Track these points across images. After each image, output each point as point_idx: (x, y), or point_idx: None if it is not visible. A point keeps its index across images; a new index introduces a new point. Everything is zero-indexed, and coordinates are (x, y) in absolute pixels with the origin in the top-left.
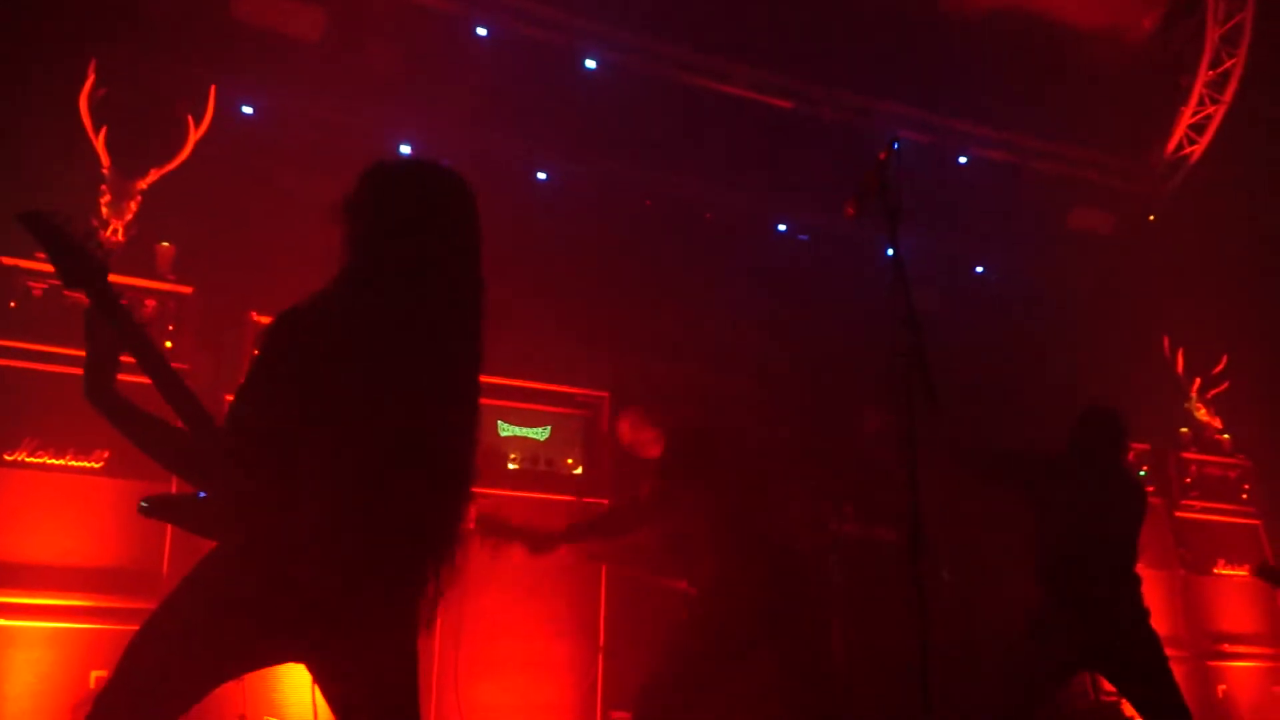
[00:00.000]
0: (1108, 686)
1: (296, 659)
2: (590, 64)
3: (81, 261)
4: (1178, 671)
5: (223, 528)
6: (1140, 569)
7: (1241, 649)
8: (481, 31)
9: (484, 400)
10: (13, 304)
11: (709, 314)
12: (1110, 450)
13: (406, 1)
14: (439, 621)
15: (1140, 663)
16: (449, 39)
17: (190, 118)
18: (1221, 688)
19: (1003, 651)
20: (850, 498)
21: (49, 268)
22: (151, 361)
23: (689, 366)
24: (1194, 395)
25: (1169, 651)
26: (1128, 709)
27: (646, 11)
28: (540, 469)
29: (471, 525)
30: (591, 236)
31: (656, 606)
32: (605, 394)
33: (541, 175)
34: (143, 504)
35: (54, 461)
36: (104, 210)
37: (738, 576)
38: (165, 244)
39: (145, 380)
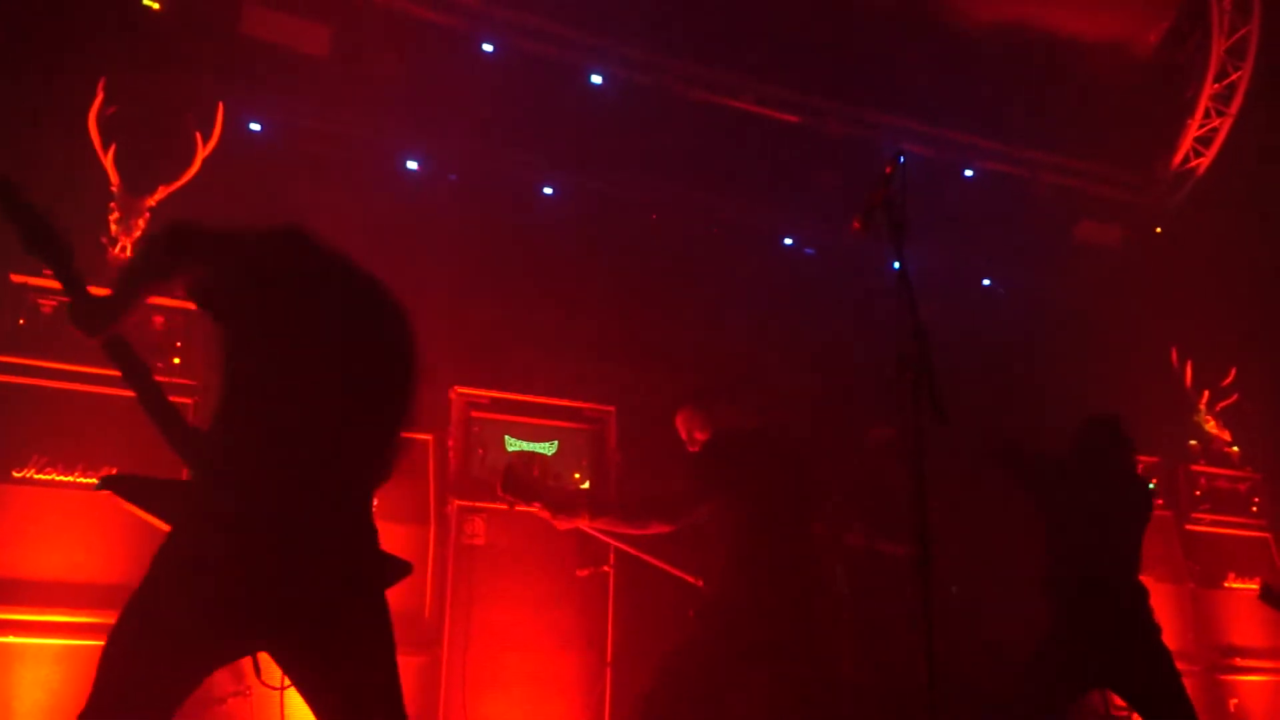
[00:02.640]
0: (1119, 702)
1: (265, 645)
2: (596, 79)
3: (44, 232)
4: (1189, 685)
5: (174, 510)
6: (1150, 583)
7: (1253, 663)
8: (488, 48)
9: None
10: (21, 321)
11: (715, 328)
12: (1113, 456)
13: (413, 17)
14: (446, 634)
15: (1151, 677)
16: (455, 55)
17: (199, 135)
18: (1233, 701)
19: (1012, 666)
20: (857, 511)
21: (58, 284)
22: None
23: (696, 380)
24: (1203, 408)
25: (1181, 665)
26: None
27: (652, 27)
28: (548, 483)
29: (500, 488)
30: (597, 251)
31: (664, 615)
32: (612, 408)
33: (548, 190)
34: (99, 481)
35: (62, 478)
36: (113, 228)
37: (753, 587)
38: None
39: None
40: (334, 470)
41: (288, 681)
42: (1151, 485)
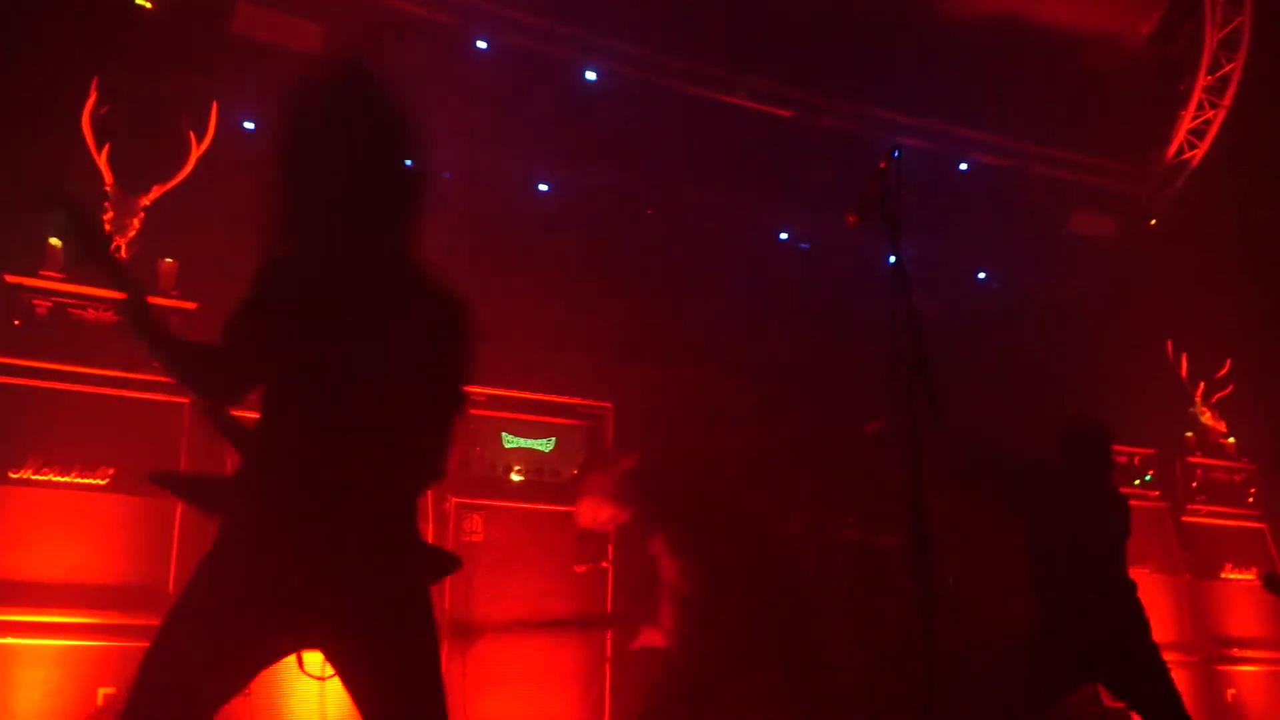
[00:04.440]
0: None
1: (312, 642)
2: (590, 75)
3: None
4: (1186, 676)
5: (220, 501)
6: (1146, 574)
7: (1250, 653)
8: (481, 44)
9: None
10: (17, 322)
11: (711, 323)
12: (1094, 460)
13: (405, 14)
14: (445, 630)
15: (1140, 672)
16: (448, 52)
17: (192, 134)
18: (1230, 692)
19: (1007, 659)
20: (853, 505)
21: (53, 285)
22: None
23: (691, 375)
24: (1199, 399)
25: (1177, 656)
26: (1136, 717)
27: (646, 23)
28: (545, 480)
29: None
30: (593, 247)
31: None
32: (609, 404)
33: (543, 186)
34: (152, 477)
35: (59, 479)
36: (107, 227)
37: (737, 591)
38: (169, 260)
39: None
40: (378, 466)
41: (329, 672)
42: (1148, 477)
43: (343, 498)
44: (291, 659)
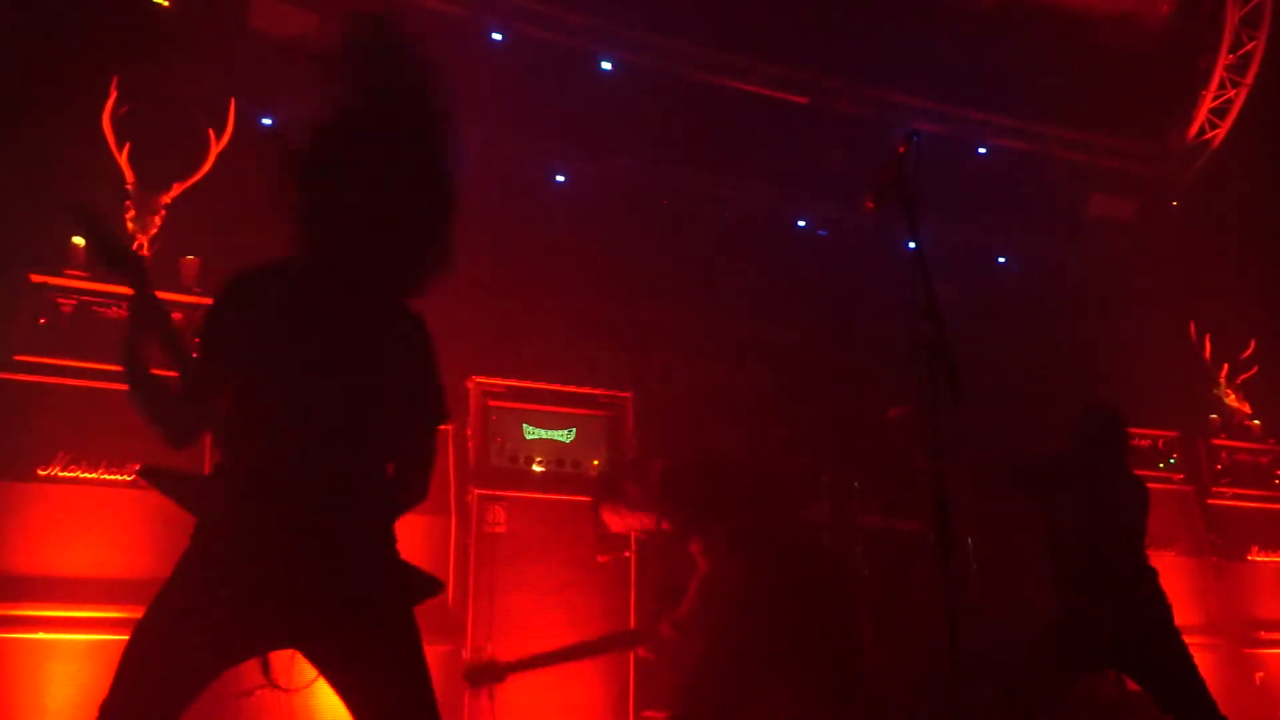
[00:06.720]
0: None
1: (285, 644)
2: (606, 65)
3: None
4: (1213, 659)
5: (200, 501)
6: (1172, 557)
7: (1278, 635)
8: (496, 35)
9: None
10: (43, 320)
11: (730, 311)
12: (1111, 448)
13: (420, 7)
14: (469, 622)
15: (1160, 659)
16: (463, 43)
17: (211, 131)
18: (1259, 674)
19: (1028, 643)
20: (874, 491)
21: (78, 284)
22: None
23: (711, 364)
24: (1222, 381)
25: (1204, 639)
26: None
27: (660, 11)
28: (565, 471)
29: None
30: (610, 237)
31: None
32: (628, 394)
33: (559, 177)
34: (139, 471)
35: (87, 475)
36: (129, 225)
37: (774, 586)
38: (190, 257)
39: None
40: (349, 480)
41: (300, 684)
42: (1172, 460)
43: (311, 509)
44: (275, 668)
